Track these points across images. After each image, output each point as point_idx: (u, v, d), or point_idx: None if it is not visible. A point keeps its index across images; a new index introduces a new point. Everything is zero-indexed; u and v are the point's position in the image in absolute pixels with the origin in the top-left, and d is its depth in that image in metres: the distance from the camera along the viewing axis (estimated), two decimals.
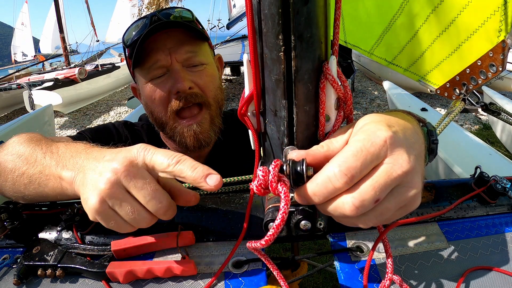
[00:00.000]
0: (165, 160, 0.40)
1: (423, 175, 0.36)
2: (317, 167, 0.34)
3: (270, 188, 0.32)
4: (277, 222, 0.31)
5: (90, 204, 0.39)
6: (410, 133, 0.35)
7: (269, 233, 0.32)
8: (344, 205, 0.32)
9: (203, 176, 0.38)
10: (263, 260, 0.41)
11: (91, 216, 0.40)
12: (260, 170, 0.33)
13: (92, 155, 0.45)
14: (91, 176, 0.41)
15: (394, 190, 0.32)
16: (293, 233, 0.38)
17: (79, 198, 0.44)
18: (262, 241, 0.33)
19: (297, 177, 0.33)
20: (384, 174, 0.31)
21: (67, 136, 0.79)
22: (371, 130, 0.33)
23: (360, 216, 0.33)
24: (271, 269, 0.42)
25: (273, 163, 0.33)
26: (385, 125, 0.33)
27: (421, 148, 0.36)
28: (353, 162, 0.31)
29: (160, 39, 0.75)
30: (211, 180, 0.38)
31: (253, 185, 0.33)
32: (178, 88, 0.75)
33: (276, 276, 0.42)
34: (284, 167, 0.33)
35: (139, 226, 0.41)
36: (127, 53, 0.81)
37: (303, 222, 0.37)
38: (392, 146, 0.32)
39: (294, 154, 0.36)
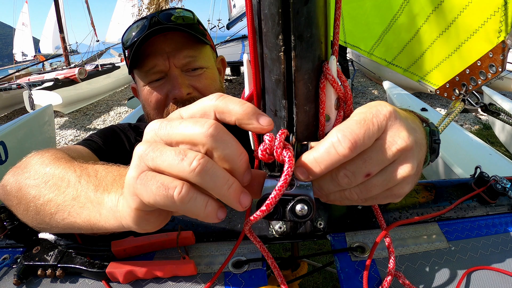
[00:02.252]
0: (205, 100, 0.31)
1: (421, 165, 0.35)
2: None
3: (275, 154, 0.31)
4: (280, 183, 0.30)
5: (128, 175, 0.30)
6: (411, 120, 0.35)
7: (271, 196, 0.30)
8: (335, 172, 0.32)
9: (255, 113, 0.30)
10: (259, 248, 0.40)
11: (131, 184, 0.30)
12: (266, 137, 0.32)
13: None
14: None
15: (386, 167, 0.32)
16: (287, 217, 0.36)
17: (119, 231, 0.37)
18: (263, 207, 0.30)
19: (302, 151, 0.33)
20: (379, 149, 0.31)
21: (78, 144, 0.76)
22: (373, 105, 0.33)
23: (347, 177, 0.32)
24: (268, 261, 0.42)
25: (279, 131, 0.33)
26: (387, 104, 0.33)
27: (421, 139, 0.36)
28: (357, 129, 0.30)
29: (158, 42, 0.74)
30: (264, 120, 0.30)
31: (259, 150, 0.32)
32: (175, 95, 0.74)
33: (273, 269, 0.41)
34: (290, 137, 0.33)
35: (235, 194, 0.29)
36: (126, 54, 0.80)
37: (299, 205, 0.34)
38: (393, 121, 0.32)
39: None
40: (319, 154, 0.30)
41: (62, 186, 0.42)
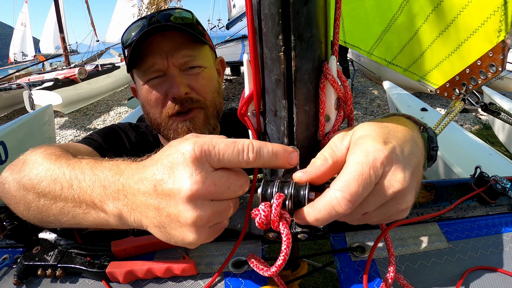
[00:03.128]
0: (240, 159, 0.33)
1: (418, 187, 0.36)
2: (324, 181, 0.35)
3: (271, 226, 0.33)
4: (279, 262, 0.33)
5: (190, 241, 0.34)
6: (408, 147, 0.35)
7: (272, 269, 0.34)
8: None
9: (286, 161, 0.34)
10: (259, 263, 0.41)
11: (194, 246, 0.35)
12: (261, 208, 0.33)
13: (137, 186, 0.35)
14: (164, 214, 0.33)
15: (383, 204, 0.33)
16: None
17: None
18: (265, 274, 0.35)
19: (299, 205, 0.34)
20: (375, 193, 0.32)
21: (78, 142, 0.77)
22: (368, 150, 0.32)
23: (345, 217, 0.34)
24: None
25: (275, 199, 0.33)
26: (381, 142, 0.33)
27: (419, 161, 0.36)
28: (355, 188, 0.30)
29: (157, 41, 0.74)
30: (292, 160, 0.34)
31: (255, 220, 0.33)
32: (174, 94, 0.74)
33: (275, 279, 0.42)
34: (287, 202, 0.33)
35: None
36: (126, 53, 0.80)
37: (300, 235, 0.37)
38: (389, 166, 0.32)
39: (299, 174, 0.34)
40: (320, 215, 0.32)
41: (56, 190, 0.42)
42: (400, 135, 0.35)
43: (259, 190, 0.34)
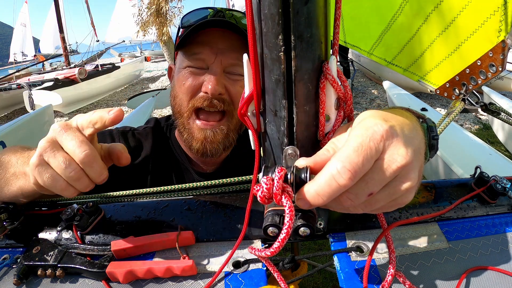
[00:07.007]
0: (86, 117, 0.46)
1: (421, 170, 0.36)
2: None
3: (274, 199, 0.32)
4: (282, 236, 0.31)
5: (31, 160, 0.44)
6: (408, 128, 0.35)
7: (274, 245, 0.32)
8: (339, 196, 0.32)
9: (106, 111, 0.45)
10: (263, 261, 0.41)
11: (32, 173, 0.44)
12: (263, 181, 0.32)
13: None
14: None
15: (388, 183, 0.33)
16: (291, 238, 0.37)
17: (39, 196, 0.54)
18: (268, 252, 0.33)
19: (301, 179, 0.33)
20: (379, 169, 0.31)
21: None
22: (368, 125, 0.33)
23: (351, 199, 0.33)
24: (271, 270, 0.42)
25: (277, 172, 0.32)
26: (382, 119, 0.33)
27: (420, 144, 0.36)
28: (355, 158, 0.30)
29: (215, 35, 0.75)
30: (112, 111, 0.45)
31: (257, 195, 0.32)
32: (208, 89, 0.74)
33: (276, 277, 0.42)
34: (289, 176, 0.33)
35: (70, 181, 0.43)
36: (180, 33, 0.80)
37: (302, 228, 0.37)
38: (389, 140, 0.32)
39: (301, 162, 0.35)
40: (321, 188, 0.31)
41: (8, 167, 0.56)
42: (399, 119, 0.36)
43: (260, 174, 0.34)
